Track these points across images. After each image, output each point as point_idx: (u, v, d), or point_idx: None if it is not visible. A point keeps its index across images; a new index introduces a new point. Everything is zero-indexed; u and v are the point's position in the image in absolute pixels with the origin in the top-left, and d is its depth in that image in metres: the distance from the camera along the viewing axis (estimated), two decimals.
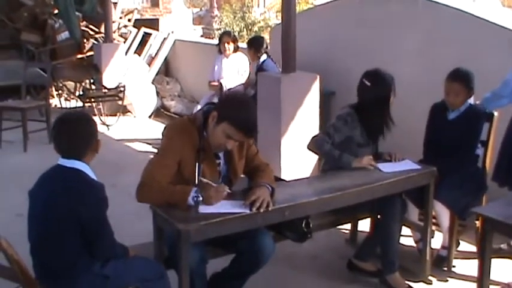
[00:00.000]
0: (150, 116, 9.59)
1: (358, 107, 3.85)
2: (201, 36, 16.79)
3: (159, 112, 9.73)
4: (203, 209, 2.93)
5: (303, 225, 3.46)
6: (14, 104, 7.58)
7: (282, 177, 5.12)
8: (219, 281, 3.34)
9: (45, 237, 2.57)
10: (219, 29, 18.37)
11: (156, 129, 8.60)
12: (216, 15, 21.89)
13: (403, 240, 4.19)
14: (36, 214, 2.60)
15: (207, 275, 3.20)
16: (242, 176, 3.36)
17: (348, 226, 4.48)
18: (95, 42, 10.57)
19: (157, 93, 9.91)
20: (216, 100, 7.13)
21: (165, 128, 3.20)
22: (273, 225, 3.33)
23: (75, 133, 2.65)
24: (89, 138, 2.67)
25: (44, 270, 2.63)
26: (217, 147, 3.11)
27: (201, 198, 2.92)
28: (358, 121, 3.80)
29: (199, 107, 7.46)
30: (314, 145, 3.77)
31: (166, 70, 10.59)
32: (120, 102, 8.76)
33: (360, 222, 4.36)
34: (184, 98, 10.02)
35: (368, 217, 4.11)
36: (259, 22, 18.47)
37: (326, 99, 6.31)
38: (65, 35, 10.31)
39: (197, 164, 3.08)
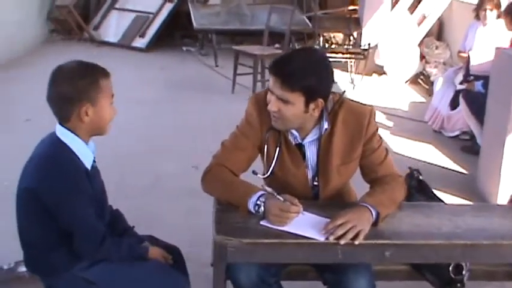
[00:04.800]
0: (406, 81, 8.61)
1: None
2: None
3: (418, 78, 8.66)
4: (266, 220, 2.17)
5: (450, 268, 2.49)
6: (248, 49, 7.35)
7: (500, 192, 3.95)
8: None
9: (17, 212, 2.16)
10: None
11: (406, 98, 7.68)
12: None
13: None
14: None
15: None
16: None
17: None
18: None
19: (422, 57, 8.82)
20: (459, 76, 5.96)
21: (248, 100, 2.46)
22: None
23: (54, 88, 2.09)
24: (66, 98, 2.07)
25: (25, 253, 2.20)
26: (272, 117, 2.31)
27: (262, 209, 2.17)
28: None
29: (440, 81, 6.35)
30: None
31: (438, 33, 9.33)
32: (363, 62, 7.99)
33: None
34: (450, 67, 8.74)
35: None
36: None
37: None
38: None
39: (265, 149, 2.39)
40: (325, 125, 2.35)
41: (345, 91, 2.45)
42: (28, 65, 8.22)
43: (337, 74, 8.77)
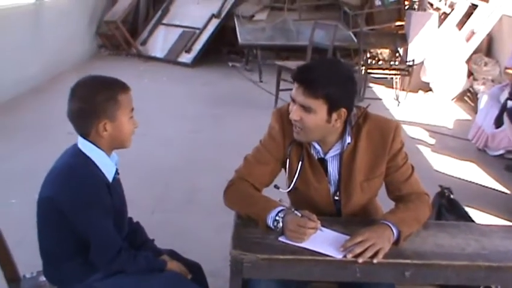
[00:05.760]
0: (453, 99, 8.44)
1: None
2: None
3: (464, 96, 8.48)
4: (284, 236, 2.15)
5: None
6: (290, 65, 7.32)
7: None
8: None
9: (37, 221, 2.18)
10: None
11: (451, 115, 7.54)
12: None
13: None
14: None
15: None
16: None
17: None
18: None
19: (470, 73, 8.63)
20: (505, 94, 5.81)
21: (272, 114, 2.45)
22: None
23: (72, 104, 2.11)
24: (84, 115, 2.09)
25: (43, 262, 2.23)
26: (294, 128, 2.28)
27: (281, 225, 2.14)
28: None
29: (484, 98, 6.20)
30: None
31: (487, 49, 9.10)
32: (407, 78, 7.89)
33: None
34: (498, 84, 8.52)
35: None
36: None
37: None
38: None
39: (288, 162, 2.38)
40: (348, 140, 2.31)
41: (369, 105, 2.40)
42: (76, 79, 8.38)
43: (383, 90, 8.69)
